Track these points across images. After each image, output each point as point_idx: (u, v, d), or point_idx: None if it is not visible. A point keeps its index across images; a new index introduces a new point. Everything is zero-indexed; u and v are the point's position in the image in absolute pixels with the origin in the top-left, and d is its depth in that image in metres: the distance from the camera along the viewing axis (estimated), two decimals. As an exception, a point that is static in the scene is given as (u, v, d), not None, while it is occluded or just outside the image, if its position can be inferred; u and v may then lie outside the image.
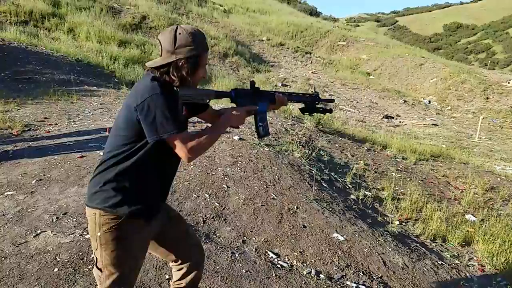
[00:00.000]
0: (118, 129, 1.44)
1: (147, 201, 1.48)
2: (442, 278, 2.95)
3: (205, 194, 3.32)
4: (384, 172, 5.08)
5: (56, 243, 2.38)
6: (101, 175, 1.44)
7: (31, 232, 2.48)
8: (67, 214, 2.72)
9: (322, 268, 2.73)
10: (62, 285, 2.05)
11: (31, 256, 2.25)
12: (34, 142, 4.10)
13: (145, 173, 1.43)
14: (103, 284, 1.43)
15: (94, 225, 1.42)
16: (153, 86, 1.36)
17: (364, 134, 6.91)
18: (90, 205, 1.44)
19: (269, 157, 4.29)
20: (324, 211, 3.46)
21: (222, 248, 2.65)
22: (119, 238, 1.41)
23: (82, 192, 3.03)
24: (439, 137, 10.15)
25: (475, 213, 4.37)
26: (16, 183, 3.10)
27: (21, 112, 5.06)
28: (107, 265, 1.42)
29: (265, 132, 1.58)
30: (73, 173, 3.36)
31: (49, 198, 2.92)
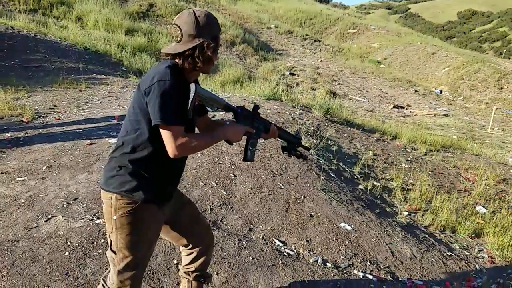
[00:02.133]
0: (131, 114, 1.46)
1: (161, 186, 1.49)
2: (451, 269, 2.95)
3: (212, 183, 3.35)
4: (393, 162, 5.05)
5: (66, 228, 2.44)
6: (117, 160, 1.46)
7: (42, 216, 2.53)
8: (77, 200, 2.77)
9: (329, 256, 2.75)
10: (73, 269, 2.10)
11: (43, 240, 2.30)
12: (44, 129, 4.16)
13: (159, 158, 1.43)
14: (117, 266, 1.46)
15: (110, 209, 1.43)
16: (165, 72, 1.35)
17: (374, 124, 6.85)
18: (106, 189, 1.46)
19: (276, 146, 4.29)
20: (331, 200, 3.46)
21: (229, 235, 2.68)
22: (134, 222, 1.43)
23: (91, 179, 3.08)
24: (450, 128, 10.00)
25: (486, 204, 4.33)
26: (27, 169, 3.16)
27: (31, 100, 5.13)
28: (121, 248, 1.44)
29: (251, 157, 1.62)
30: (83, 159, 3.41)
31: (59, 184, 2.98)
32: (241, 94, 6.69)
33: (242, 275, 2.29)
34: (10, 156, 3.45)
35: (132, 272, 1.48)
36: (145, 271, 1.60)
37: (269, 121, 1.71)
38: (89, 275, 2.08)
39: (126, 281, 1.47)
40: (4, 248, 2.19)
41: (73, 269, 2.10)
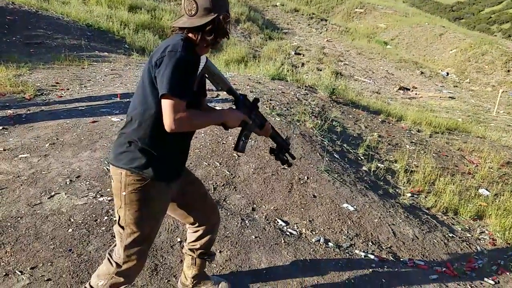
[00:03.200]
0: (139, 88, 1.43)
1: (170, 164, 1.48)
2: (452, 250, 2.93)
3: (215, 162, 3.31)
4: (398, 144, 4.98)
5: (70, 205, 2.42)
6: (126, 136, 1.44)
7: (45, 193, 2.52)
8: (80, 178, 2.74)
9: (331, 236, 2.73)
10: (76, 245, 2.10)
11: (46, 216, 2.29)
12: (46, 106, 4.11)
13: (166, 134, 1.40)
14: (124, 241, 1.46)
15: (119, 184, 1.42)
16: (178, 44, 1.32)
17: (379, 105, 6.73)
18: (116, 164, 1.44)
19: (281, 127, 4.22)
20: (335, 181, 3.42)
21: (232, 214, 2.66)
22: (143, 199, 1.43)
23: (94, 157, 3.05)
24: (456, 111, 9.85)
25: (489, 187, 4.28)
26: (29, 146, 3.13)
27: (33, 77, 5.05)
28: (129, 224, 1.44)
29: (242, 148, 1.60)
30: (86, 137, 3.37)
31: (62, 161, 2.95)
32: (246, 74, 6.56)
33: (245, 253, 2.28)
34: (13, 133, 3.41)
35: (139, 247, 1.48)
36: (151, 247, 1.60)
37: (265, 118, 1.69)
38: (92, 252, 2.07)
39: (133, 256, 1.48)
40: (7, 225, 2.18)
41: (77, 246, 2.10)
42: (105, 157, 3.06)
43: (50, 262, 1.96)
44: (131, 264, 1.48)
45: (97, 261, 2.01)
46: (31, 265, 1.92)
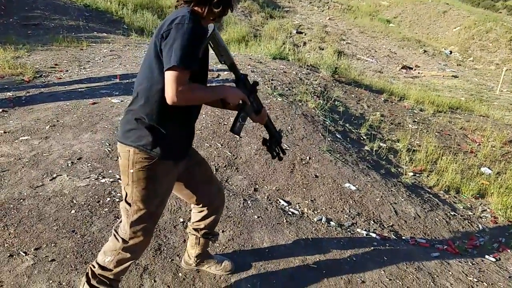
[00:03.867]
0: (145, 63, 1.39)
1: (177, 142, 1.47)
2: (454, 228, 2.93)
3: (217, 144, 3.27)
4: (400, 123, 4.91)
5: (72, 187, 2.40)
6: (134, 112, 1.40)
7: (47, 175, 2.49)
8: (82, 159, 2.72)
9: (332, 216, 2.72)
10: (79, 226, 2.09)
11: (48, 198, 2.28)
12: (45, 88, 4.04)
13: (175, 111, 1.37)
14: (130, 217, 1.46)
15: (127, 162, 1.41)
16: (184, 16, 1.26)
17: (382, 84, 6.61)
18: (124, 142, 1.42)
19: (282, 107, 4.15)
20: (337, 161, 3.39)
21: (234, 195, 2.64)
22: (151, 177, 1.42)
23: (95, 138, 3.01)
24: (459, 89, 9.70)
25: (491, 166, 4.24)
26: (30, 128, 3.09)
27: (31, 59, 4.96)
28: (136, 201, 1.44)
29: (239, 130, 1.53)
30: (86, 119, 3.32)
31: (63, 143, 2.91)
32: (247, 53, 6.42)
33: (247, 233, 2.28)
34: (13, 116, 3.37)
35: (145, 224, 1.48)
36: (156, 224, 1.60)
37: (262, 104, 1.64)
38: (96, 233, 2.06)
39: (138, 233, 1.48)
40: (10, 207, 2.17)
41: (80, 227, 2.09)
42: (106, 138, 3.02)
43: (54, 243, 1.95)
44: (137, 240, 1.48)
45: (100, 242, 2.01)
46: (35, 246, 1.92)
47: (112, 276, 1.53)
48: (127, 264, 1.53)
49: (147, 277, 1.84)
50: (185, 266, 1.93)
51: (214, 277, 1.90)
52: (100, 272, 1.51)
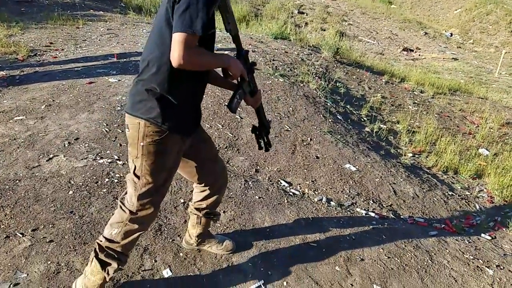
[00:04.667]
0: (155, 30, 1.33)
1: (187, 116, 1.43)
2: (451, 207, 2.91)
3: (218, 125, 3.20)
4: (400, 105, 4.83)
5: (69, 167, 2.34)
6: (144, 83, 1.34)
7: (43, 156, 2.42)
8: (79, 140, 2.64)
9: (333, 196, 2.69)
10: (78, 207, 2.04)
11: (45, 179, 2.21)
12: (41, 67, 3.91)
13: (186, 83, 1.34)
14: (139, 190, 1.43)
15: (136, 134, 1.36)
16: None
17: (383, 66, 6.49)
18: (133, 113, 1.36)
19: (284, 88, 4.06)
20: (337, 143, 3.33)
21: (235, 176, 2.59)
22: (160, 151, 1.39)
23: (92, 118, 2.93)
24: (458, 72, 9.57)
25: (489, 147, 4.21)
26: (25, 108, 3.00)
27: (25, 37, 4.79)
28: (145, 174, 1.41)
29: (235, 107, 1.47)
30: (83, 99, 3.22)
31: (59, 123, 2.83)
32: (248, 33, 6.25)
33: (249, 213, 2.24)
34: (7, 95, 3.26)
35: (152, 197, 1.46)
36: (164, 197, 1.56)
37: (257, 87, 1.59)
38: (94, 213, 2.01)
39: (146, 205, 1.45)
40: (6, 187, 2.10)
41: (78, 208, 2.03)
42: (103, 118, 2.93)
43: (52, 224, 1.90)
44: (144, 212, 1.46)
45: (99, 223, 1.96)
46: (32, 227, 1.87)
47: (119, 249, 1.49)
48: (134, 236, 1.49)
49: (148, 257, 1.80)
50: (186, 246, 1.90)
51: (215, 257, 1.87)
52: (107, 244, 1.47)
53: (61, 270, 1.67)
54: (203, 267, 1.81)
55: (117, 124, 2.89)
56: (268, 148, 1.72)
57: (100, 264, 1.47)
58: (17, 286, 1.57)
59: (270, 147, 1.73)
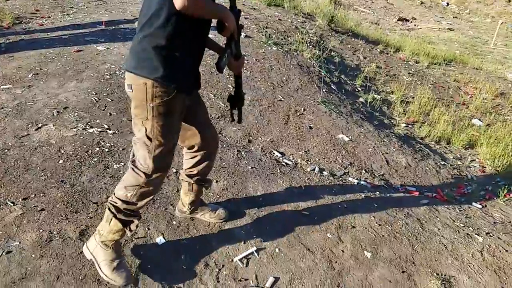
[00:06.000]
0: None
1: (191, 74, 1.40)
2: (443, 177, 2.91)
3: (210, 94, 3.10)
4: (395, 75, 4.73)
5: (59, 136, 2.26)
6: (151, 39, 1.26)
7: (32, 125, 2.34)
8: (68, 109, 2.54)
9: (325, 166, 2.67)
10: (69, 176, 1.99)
11: (35, 148, 2.14)
12: (27, 35, 3.71)
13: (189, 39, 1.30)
14: (152, 152, 1.39)
15: (144, 95, 1.30)
16: None
17: (378, 35, 6.30)
18: (138, 73, 1.29)
19: (277, 57, 3.93)
20: (331, 113, 3.27)
21: (228, 146, 2.54)
22: (169, 111, 1.35)
23: (81, 87, 2.81)
24: (454, 43, 9.38)
25: (482, 117, 4.18)
26: (11, 77, 2.86)
27: (9, 4, 4.52)
28: (157, 136, 1.37)
29: (223, 66, 1.40)
30: (71, 67, 3.08)
31: (47, 92, 2.71)
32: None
33: (241, 182, 2.21)
34: (-8, 63, 3.11)
35: (166, 159, 1.45)
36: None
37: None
38: (85, 183, 1.97)
39: (160, 167, 1.44)
40: (-6, 156, 2.04)
41: (69, 177, 1.98)
42: (92, 87, 2.82)
43: (42, 193, 1.86)
44: (158, 174, 1.44)
45: (91, 192, 1.92)
46: (23, 196, 1.82)
47: (136, 209, 1.50)
48: (149, 198, 1.49)
49: (141, 225, 1.78)
50: (179, 214, 1.88)
51: (208, 225, 1.86)
52: (126, 206, 1.45)
53: (53, 238, 1.64)
54: (196, 234, 1.80)
55: (106, 93, 2.79)
56: (240, 120, 1.67)
57: (122, 223, 1.47)
58: (10, 254, 1.55)
59: (240, 121, 1.68)
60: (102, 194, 1.91)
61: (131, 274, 1.53)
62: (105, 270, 1.49)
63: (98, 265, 1.50)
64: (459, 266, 1.88)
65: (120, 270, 1.49)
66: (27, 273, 1.48)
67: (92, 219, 1.76)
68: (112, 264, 1.49)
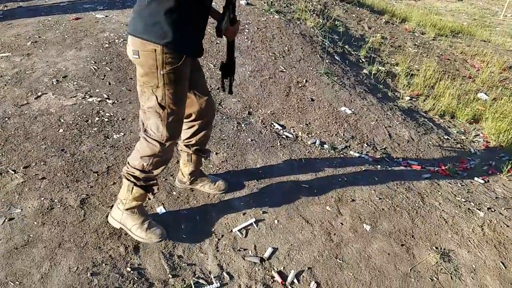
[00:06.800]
0: None
1: (198, 40, 1.34)
2: (446, 152, 2.84)
3: (209, 64, 2.98)
4: (400, 46, 4.54)
5: (58, 105, 2.20)
6: (158, 3, 1.19)
7: (31, 94, 2.27)
8: (67, 78, 2.46)
9: (327, 139, 2.60)
10: (69, 145, 1.94)
11: (35, 117, 2.09)
12: (24, 2, 3.56)
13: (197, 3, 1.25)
14: (165, 120, 1.36)
15: (154, 62, 1.24)
16: None
17: (384, 5, 6.00)
18: (146, 38, 1.21)
19: (279, 26, 3.75)
20: (334, 85, 3.16)
21: (228, 118, 2.47)
22: (180, 78, 1.32)
23: (80, 56, 2.71)
24: (462, 14, 8.95)
25: (488, 91, 4.03)
26: (10, 45, 2.76)
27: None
28: (169, 104, 1.33)
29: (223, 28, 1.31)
30: (69, 35, 2.96)
31: (46, 60, 2.62)
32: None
33: (241, 155, 2.16)
34: (-10, 30, 2.99)
35: (178, 125, 1.44)
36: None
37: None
38: (86, 152, 1.93)
39: (174, 135, 1.42)
40: (-6, 125, 1.99)
41: (69, 146, 1.94)
42: (91, 56, 2.72)
43: (43, 162, 1.82)
44: (171, 141, 1.42)
45: (91, 161, 1.88)
46: (24, 164, 1.79)
47: (153, 177, 1.50)
48: (164, 166, 1.49)
49: (141, 195, 1.75)
50: (179, 185, 1.85)
51: (208, 196, 1.83)
52: (144, 175, 1.45)
53: (54, 206, 1.63)
54: (196, 205, 1.78)
55: (105, 62, 2.69)
56: (231, 91, 1.60)
57: (143, 189, 1.48)
58: (12, 220, 1.54)
59: (232, 91, 1.60)
60: (102, 164, 1.88)
61: (163, 230, 1.57)
62: (139, 233, 1.52)
63: (130, 230, 1.53)
64: (459, 241, 1.86)
65: (152, 229, 1.54)
66: (29, 240, 1.47)
67: (93, 188, 1.74)
68: (143, 226, 1.53)
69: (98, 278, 1.38)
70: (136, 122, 2.19)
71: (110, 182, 1.78)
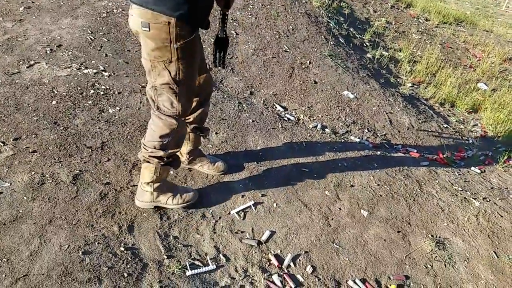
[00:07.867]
0: None
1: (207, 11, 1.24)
2: (444, 140, 2.76)
3: (211, 39, 2.81)
4: (404, 32, 4.36)
5: (52, 76, 2.04)
6: None
7: (23, 62, 2.10)
8: (62, 47, 2.29)
9: (328, 123, 2.49)
10: (62, 118, 1.81)
11: (26, 87, 1.94)
12: (18, -36, 3.28)
13: None
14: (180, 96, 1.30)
15: (167, 36, 1.13)
16: None
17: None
18: (158, 9, 1.09)
19: (284, 3, 3.55)
20: (337, 68, 3.01)
21: (229, 97, 2.34)
22: (191, 51, 1.23)
23: (76, 24, 2.52)
24: (465, 2, 8.67)
25: (488, 82, 3.92)
26: (1, 9, 2.55)
27: None
28: (183, 79, 1.26)
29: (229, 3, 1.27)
30: (65, 2, 2.75)
31: (40, 28, 2.43)
32: None
33: (241, 136, 2.05)
34: (-20, -8, 2.76)
35: (191, 98, 1.38)
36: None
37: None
38: (79, 125, 1.80)
39: (187, 108, 1.38)
40: (-18, 93, 1.84)
41: (62, 119, 1.81)
42: (88, 25, 2.53)
43: (35, 134, 1.69)
44: (185, 115, 1.39)
45: (85, 135, 1.76)
46: (14, 136, 1.66)
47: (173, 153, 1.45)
48: (183, 141, 1.47)
49: (137, 173, 1.65)
50: (177, 164, 1.74)
51: (206, 176, 1.73)
52: (168, 154, 1.40)
53: (46, 181, 1.52)
54: (193, 185, 1.68)
55: (102, 32, 2.50)
56: (224, 65, 1.47)
57: (168, 165, 1.45)
58: (0, 195, 1.43)
59: (225, 65, 1.48)
60: (96, 139, 1.76)
61: (192, 188, 1.59)
62: (176, 202, 1.52)
63: (166, 204, 1.51)
64: (454, 229, 1.80)
65: (186, 193, 1.54)
66: (18, 216, 1.37)
67: (86, 164, 1.63)
68: (177, 196, 1.52)
69: (90, 257, 1.29)
70: (133, 96, 2.05)
71: (104, 158, 1.67)
